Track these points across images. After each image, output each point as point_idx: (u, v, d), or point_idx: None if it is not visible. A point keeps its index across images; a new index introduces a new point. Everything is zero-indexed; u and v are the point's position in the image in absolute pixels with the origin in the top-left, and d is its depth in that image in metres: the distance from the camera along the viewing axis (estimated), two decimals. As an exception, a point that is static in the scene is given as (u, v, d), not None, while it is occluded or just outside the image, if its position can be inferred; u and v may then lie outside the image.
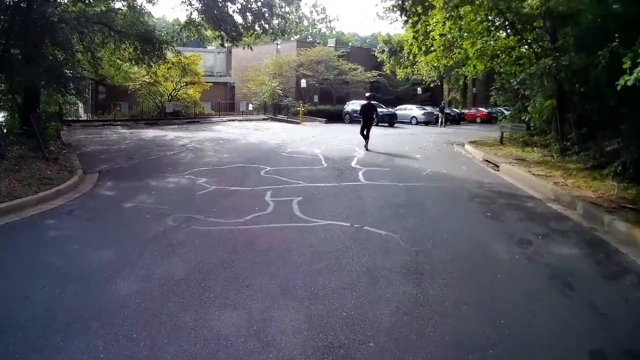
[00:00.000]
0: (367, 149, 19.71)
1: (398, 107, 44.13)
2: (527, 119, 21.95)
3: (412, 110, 44.41)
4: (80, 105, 33.39)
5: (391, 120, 39.04)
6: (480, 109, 52.30)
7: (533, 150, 19.78)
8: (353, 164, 15.70)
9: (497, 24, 19.76)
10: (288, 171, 13.83)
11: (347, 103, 42.06)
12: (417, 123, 42.70)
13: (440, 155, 19.22)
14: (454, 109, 48.70)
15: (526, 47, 20.24)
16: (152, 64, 24.69)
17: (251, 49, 25.03)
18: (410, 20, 20.30)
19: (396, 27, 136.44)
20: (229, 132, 27.89)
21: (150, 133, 26.00)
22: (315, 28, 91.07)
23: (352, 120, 39.30)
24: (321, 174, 13.46)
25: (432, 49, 21.16)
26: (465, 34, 19.78)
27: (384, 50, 36.97)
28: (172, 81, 35.28)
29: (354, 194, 10.71)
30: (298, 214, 8.89)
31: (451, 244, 7.40)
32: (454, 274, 6.19)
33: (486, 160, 17.75)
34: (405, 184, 12.35)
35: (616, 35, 13.90)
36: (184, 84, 36.00)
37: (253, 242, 7.20)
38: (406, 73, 31.38)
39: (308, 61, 44.16)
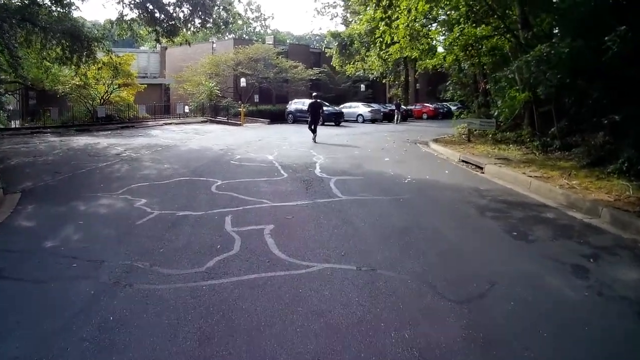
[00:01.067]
0: (315, 142, 21.60)
1: (342, 105, 42.04)
2: (495, 113, 20.12)
3: (359, 107, 42.42)
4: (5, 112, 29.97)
5: (338, 120, 37.00)
6: (426, 104, 50.99)
7: (509, 147, 18.06)
8: (317, 172, 13.50)
9: (475, 8, 17.84)
10: (245, 185, 11.40)
11: (290, 102, 39.78)
12: (364, 121, 40.77)
13: (410, 158, 17.19)
14: (390, 105, 46.91)
15: (505, 36, 18.54)
16: (80, 64, 22.37)
17: (189, 44, 22.56)
18: (381, 4, 18.07)
19: (336, 24, 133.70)
20: (166, 137, 25.06)
21: (81, 141, 23.17)
22: (250, 27, 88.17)
23: (296, 120, 37.13)
24: (286, 188, 11.09)
25: (395, 39, 19.06)
26: (436, 23, 17.88)
27: (331, 46, 33.51)
28: (104, 83, 32.40)
29: (339, 217, 8.37)
30: (278, 253, 6.44)
31: (501, 288, 5.37)
32: (533, 337, 4.29)
33: (464, 161, 15.87)
34: (391, 197, 10.15)
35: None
36: (117, 86, 33.09)
37: (230, 315, 4.64)
38: (356, 68, 29.31)
39: (246, 59, 41.52)
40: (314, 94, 26.53)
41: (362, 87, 53.27)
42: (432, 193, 10.83)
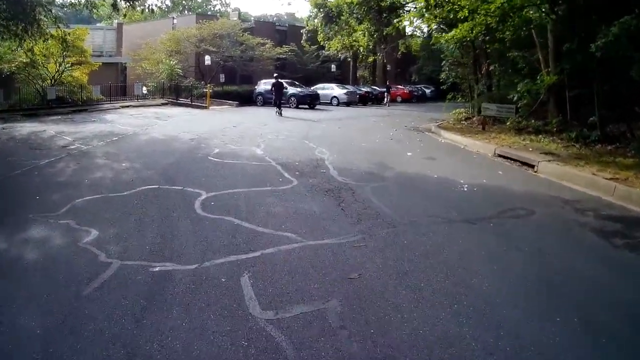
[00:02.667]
0: (280, 115, 24.40)
1: (315, 86, 38.56)
2: (515, 98, 17.11)
3: (333, 89, 39.07)
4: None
5: (313, 102, 33.67)
6: (399, 87, 48.17)
7: (538, 138, 15.20)
8: (334, 174, 10.52)
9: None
10: (244, 201, 8.09)
11: (259, 82, 36.17)
12: (339, 104, 37.58)
13: (434, 151, 14.28)
14: (363, 88, 43.61)
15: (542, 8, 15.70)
16: (25, 36, 19.05)
17: (152, 11, 18.59)
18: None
19: (299, 5, 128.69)
20: (124, 123, 21.29)
21: (26, 128, 19.43)
22: (210, 4, 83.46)
23: (266, 102, 33.68)
24: (309, 207, 7.79)
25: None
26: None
27: (315, 16, 28.89)
28: (55, 61, 28.17)
29: (433, 268, 5.16)
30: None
31: None
32: None
33: (501, 156, 12.85)
34: (472, 220, 7.03)
35: None
36: (69, 64, 28.92)
37: None
38: (343, 43, 25.84)
39: (210, 35, 37.58)
40: (275, 74, 28.94)
41: (333, 67, 49.93)
42: (518, 211, 7.79)
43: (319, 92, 36.68)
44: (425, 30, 47.87)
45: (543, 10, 15.65)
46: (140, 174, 10.37)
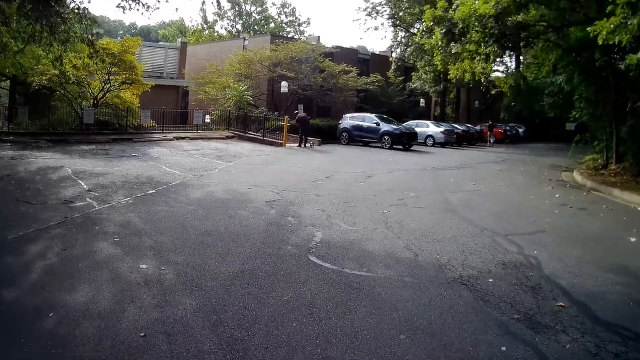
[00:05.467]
0: (305, 146, 24.00)
1: (406, 123, 32.28)
2: None
3: (428, 127, 32.94)
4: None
5: (409, 142, 27.24)
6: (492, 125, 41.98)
7: None
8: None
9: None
10: None
11: (344, 117, 30.01)
12: (434, 144, 31.28)
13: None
14: (458, 126, 36.99)
15: None
16: (53, 41, 14.41)
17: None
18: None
19: (382, 36, 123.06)
20: (173, 163, 15.46)
21: (40, 161, 14.45)
22: (284, 31, 78.70)
23: (352, 140, 27.47)
24: None
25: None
26: None
27: (431, 31, 21.28)
28: (100, 78, 23.23)
29: None
30: None
31: None
32: None
33: None
34: None
35: None
36: (119, 83, 23.92)
37: None
38: (463, 69, 19.34)
39: (287, 59, 31.70)
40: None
41: (422, 102, 43.72)
42: None
43: (412, 129, 30.40)
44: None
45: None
46: (164, 313, 4.42)
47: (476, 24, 16.55)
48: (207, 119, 29.71)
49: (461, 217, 9.24)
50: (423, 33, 20.75)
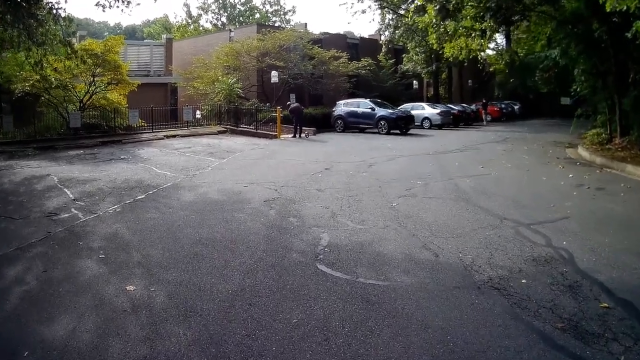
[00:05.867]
0: (300, 136, 23.07)
1: (401, 106, 31.54)
2: None
3: (424, 109, 32.12)
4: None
5: (407, 126, 26.47)
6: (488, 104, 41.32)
7: None
8: None
9: None
10: None
11: (337, 104, 29.20)
12: (431, 126, 30.50)
13: None
14: (454, 107, 36.18)
15: None
16: (30, 44, 13.89)
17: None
18: None
19: (370, 19, 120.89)
20: (164, 163, 14.71)
21: (26, 170, 13.72)
22: (269, 21, 77.56)
23: (347, 127, 26.69)
24: None
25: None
26: None
27: (423, 9, 19.46)
28: (84, 80, 22.33)
29: None
30: None
31: None
32: None
33: None
34: None
35: None
36: (104, 84, 23.10)
37: None
38: (460, 47, 18.57)
39: (276, 48, 30.83)
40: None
41: (415, 83, 42.96)
42: None
43: (409, 112, 29.68)
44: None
45: None
46: (154, 348, 4.06)
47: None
48: (198, 114, 28.87)
49: (476, 206, 8.54)
50: (414, 12, 19.99)
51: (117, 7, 14.79)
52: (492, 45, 48.31)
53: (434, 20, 17.52)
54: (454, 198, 9.32)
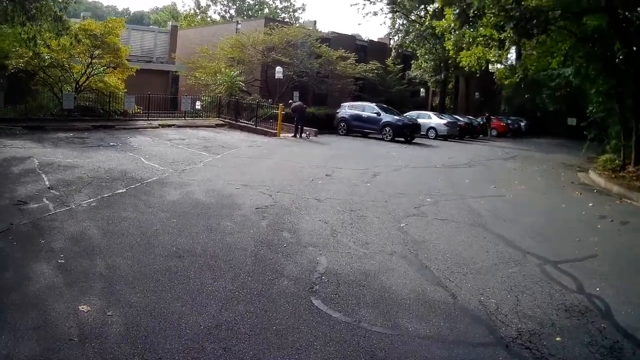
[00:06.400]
0: (301, 136, 22.32)
1: (406, 114, 30.64)
2: None
3: (430, 118, 31.30)
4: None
5: (412, 135, 25.57)
6: (494, 118, 40.91)
7: None
8: None
9: None
10: None
11: (342, 105, 28.31)
12: (436, 137, 29.58)
13: None
14: (461, 118, 35.29)
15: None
16: (24, 19, 13.61)
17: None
18: None
19: (381, 22, 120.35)
20: (154, 154, 13.76)
21: (8, 151, 12.67)
22: (279, 17, 76.76)
23: (351, 131, 25.79)
24: None
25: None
26: None
27: (441, 12, 18.08)
28: (82, 61, 21.42)
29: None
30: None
31: None
32: None
33: None
34: None
35: None
36: (102, 66, 22.16)
37: None
38: (476, 56, 17.67)
39: (282, 44, 29.86)
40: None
41: (422, 91, 42.12)
42: None
43: (414, 121, 28.79)
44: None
45: None
46: None
47: (491, 5, 15.00)
48: (198, 105, 27.87)
49: (495, 235, 7.57)
50: (432, 16, 19.08)
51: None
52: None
53: (453, 25, 16.59)
54: (469, 222, 8.36)
